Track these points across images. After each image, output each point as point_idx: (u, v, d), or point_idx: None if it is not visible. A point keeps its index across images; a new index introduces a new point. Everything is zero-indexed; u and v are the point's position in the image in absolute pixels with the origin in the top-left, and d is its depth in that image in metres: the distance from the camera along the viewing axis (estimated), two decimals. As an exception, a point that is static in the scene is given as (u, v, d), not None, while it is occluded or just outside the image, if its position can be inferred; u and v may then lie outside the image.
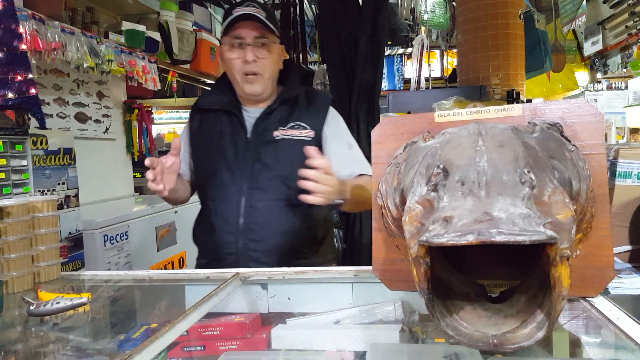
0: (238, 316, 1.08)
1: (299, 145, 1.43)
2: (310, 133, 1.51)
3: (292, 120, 1.52)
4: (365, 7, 3.18)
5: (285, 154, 1.48)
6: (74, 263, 2.20)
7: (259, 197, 1.47)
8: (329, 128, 1.55)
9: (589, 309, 0.87)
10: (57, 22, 2.49)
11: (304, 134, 1.50)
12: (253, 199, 1.47)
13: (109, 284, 1.32)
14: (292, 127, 1.51)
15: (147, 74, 3.33)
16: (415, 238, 0.66)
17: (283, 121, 1.51)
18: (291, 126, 1.51)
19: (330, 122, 1.56)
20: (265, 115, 1.52)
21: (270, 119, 1.51)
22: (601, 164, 0.86)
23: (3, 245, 1.19)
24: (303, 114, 1.54)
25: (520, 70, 4.16)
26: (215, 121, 1.55)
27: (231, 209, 1.48)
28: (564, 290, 0.60)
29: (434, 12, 5.78)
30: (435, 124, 0.95)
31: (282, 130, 1.50)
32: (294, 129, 1.51)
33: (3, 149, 1.88)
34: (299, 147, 1.40)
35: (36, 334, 1.02)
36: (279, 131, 1.50)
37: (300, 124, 1.51)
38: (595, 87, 5.76)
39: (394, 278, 0.97)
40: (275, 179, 1.47)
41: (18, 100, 1.95)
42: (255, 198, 1.47)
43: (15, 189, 1.93)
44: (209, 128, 1.56)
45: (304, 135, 1.50)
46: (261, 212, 1.46)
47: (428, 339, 0.99)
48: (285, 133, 1.49)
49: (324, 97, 1.63)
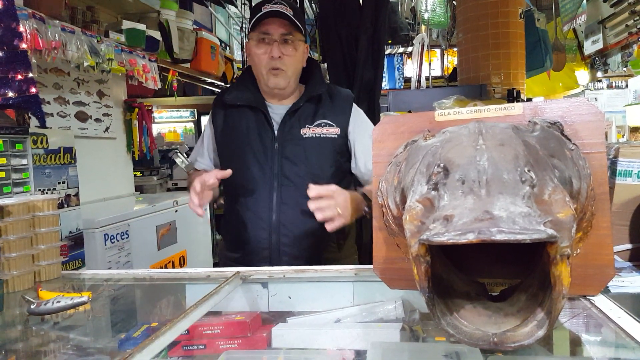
0: (239, 315, 1.08)
1: (326, 142, 1.53)
2: (336, 130, 1.55)
3: (318, 118, 1.56)
4: (366, 6, 3.18)
5: (313, 152, 1.53)
6: (74, 262, 2.20)
7: (290, 194, 1.51)
8: (354, 124, 1.59)
9: (589, 308, 0.87)
10: (57, 21, 2.49)
11: (330, 132, 1.55)
12: (284, 196, 1.52)
13: (109, 283, 1.32)
14: (318, 124, 1.55)
15: (147, 73, 3.33)
16: (415, 237, 0.66)
17: (309, 119, 1.55)
18: (318, 124, 1.55)
19: (354, 117, 1.60)
20: (292, 112, 1.55)
21: (296, 116, 1.55)
22: (601, 162, 0.86)
23: (3, 244, 1.19)
24: (328, 111, 1.57)
25: (520, 69, 4.16)
26: (240, 117, 1.58)
27: (263, 205, 1.52)
28: (564, 288, 0.60)
29: (435, 11, 5.77)
30: (436, 122, 0.95)
31: (309, 128, 1.54)
32: (321, 126, 1.55)
33: (3, 148, 1.88)
34: (327, 144, 1.53)
35: (37, 333, 1.02)
36: (305, 129, 1.54)
37: (326, 121, 1.55)
38: (596, 86, 5.76)
39: (394, 277, 0.97)
40: (304, 176, 1.50)
41: (18, 99, 1.95)
42: (286, 195, 1.51)
43: (16, 188, 1.93)
44: (234, 124, 1.58)
45: (331, 133, 1.55)
46: (293, 209, 1.51)
47: (429, 337, 0.99)
48: (313, 131, 1.54)
49: (346, 94, 1.67)
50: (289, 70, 1.53)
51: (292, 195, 1.51)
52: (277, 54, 1.49)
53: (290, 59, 1.52)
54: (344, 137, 1.57)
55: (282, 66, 1.51)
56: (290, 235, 1.51)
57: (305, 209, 1.44)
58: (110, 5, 3.46)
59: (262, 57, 1.51)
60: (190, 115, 7.93)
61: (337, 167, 1.57)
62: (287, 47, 1.51)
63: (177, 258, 3.12)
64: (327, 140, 1.54)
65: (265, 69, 1.52)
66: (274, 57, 1.49)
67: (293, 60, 1.53)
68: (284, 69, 1.52)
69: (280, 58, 1.49)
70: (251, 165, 1.54)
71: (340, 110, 1.59)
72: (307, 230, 1.50)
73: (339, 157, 1.57)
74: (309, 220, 1.45)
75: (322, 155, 1.53)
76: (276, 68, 1.51)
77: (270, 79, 1.53)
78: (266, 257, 1.51)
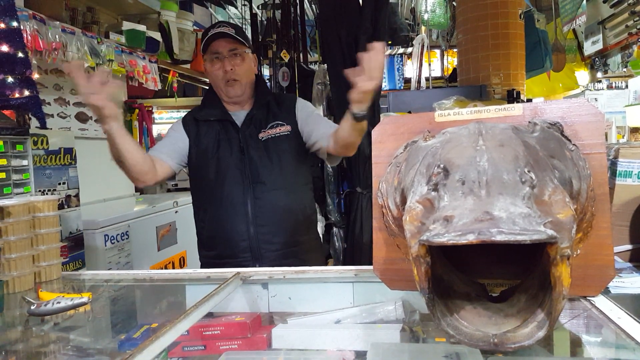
0: (239, 316, 1.08)
1: (281, 140, 1.75)
2: (287, 128, 1.77)
3: (270, 120, 1.78)
4: (366, 6, 3.17)
5: (274, 150, 1.74)
6: (74, 263, 2.20)
7: (261, 189, 1.71)
8: (301, 113, 1.80)
9: (589, 308, 0.87)
10: (57, 22, 2.49)
11: (283, 130, 1.77)
12: (256, 192, 1.71)
13: (109, 283, 1.32)
14: (272, 126, 1.77)
15: (147, 74, 3.33)
16: (415, 237, 0.66)
17: (263, 123, 1.77)
18: (271, 126, 1.77)
19: (299, 109, 1.81)
20: (248, 120, 1.77)
21: (253, 123, 1.77)
22: (601, 163, 0.86)
23: (4, 245, 1.19)
24: (278, 114, 1.80)
25: (520, 70, 4.15)
26: (211, 129, 1.78)
27: (239, 203, 1.70)
28: (564, 289, 0.60)
29: (434, 11, 5.77)
30: (436, 123, 0.96)
31: (264, 131, 1.76)
32: (274, 127, 1.77)
33: (4, 148, 1.88)
34: (282, 141, 1.75)
35: (37, 334, 1.02)
36: (262, 132, 1.75)
37: (277, 122, 1.78)
38: (596, 87, 5.76)
39: (394, 277, 0.97)
40: (271, 173, 1.72)
41: (19, 100, 1.95)
42: (259, 190, 1.71)
43: (16, 188, 1.93)
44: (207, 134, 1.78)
45: (284, 131, 1.77)
46: (265, 202, 1.71)
47: (429, 338, 0.99)
48: (268, 133, 1.76)
49: (290, 96, 1.93)
50: (242, 78, 1.75)
51: (262, 191, 1.71)
52: (228, 66, 1.72)
53: (241, 68, 1.74)
54: (296, 130, 1.78)
55: (235, 76, 1.74)
56: (266, 225, 1.70)
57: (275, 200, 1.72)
58: (110, 6, 3.46)
59: (217, 72, 1.74)
60: (189, 116, 7.90)
61: (297, 159, 1.78)
62: (235, 60, 1.73)
63: (177, 259, 3.12)
64: (283, 137, 1.76)
65: (222, 81, 1.75)
66: (226, 71, 1.72)
67: (243, 69, 1.75)
68: (238, 79, 1.74)
69: (232, 70, 1.72)
70: (225, 169, 1.73)
71: (286, 110, 1.81)
72: (279, 219, 1.72)
73: (297, 150, 1.78)
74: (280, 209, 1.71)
75: (281, 151, 1.74)
76: (230, 79, 1.73)
77: (228, 90, 1.76)
78: (246, 248, 1.70)
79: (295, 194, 1.77)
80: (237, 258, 1.69)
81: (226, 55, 1.72)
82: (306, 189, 1.84)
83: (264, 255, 1.69)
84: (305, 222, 1.80)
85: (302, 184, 1.81)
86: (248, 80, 1.78)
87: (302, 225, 1.79)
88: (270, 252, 1.69)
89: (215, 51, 1.73)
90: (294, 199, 1.76)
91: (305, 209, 1.80)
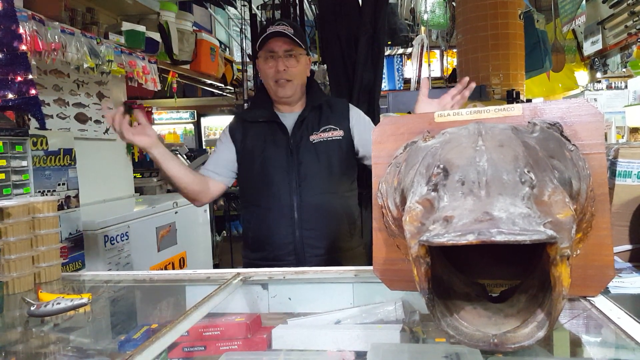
0: (239, 316, 1.08)
1: (333, 144, 1.75)
2: (340, 133, 1.77)
3: (323, 124, 1.78)
4: (365, 7, 3.17)
5: (323, 154, 1.74)
6: (74, 264, 2.20)
7: (308, 193, 1.71)
8: (355, 123, 1.80)
9: (589, 309, 0.87)
10: (57, 23, 2.49)
11: (335, 135, 1.77)
12: (303, 195, 1.71)
13: (109, 284, 1.32)
14: (324, 130, 1.77)
15: (147, 75, 3.33)
16: (415, 238, 0.66)
17: (316, 126, 1.77)
18: (324, 129, 1.77)
19: (353, 117, 1.82)
20: (300, 122, 1.76)
21: (304, 125, 1.77)
22: (601, 163, 0.86)
23: (3, 246, 1.19)
24: (331, 118, 1.79)
25: (520, 70, 4.16)
26: (259, 131, 1.79)
27: (286, 205, 1.71)
28: (564, 289, 0.60)
29: (434, 12, 5.78)
30: (435, 124, 0.96)
31: (317, 134, 1.76)
32: (326, 131, 1.77)
33: (3, 149, 1.88)
34: (334, 145, 1.75)
35: (37, 335, 1.02)
36: (314, 135, 1.75)
37: (330, 126, 1.78)
38: (595, 87, 5.76)
39: (394, 278, 0.97)
40: (319, 175, 1.73)
41: (18, 101, 1.95)
42: (305, 194, 1.71)
43: (16, 189, 1.93)
44: (254, 136, 1.79)
45: (336, 136, 1.77)
46: (311, 205, 1.71)
47: (429, 338, 0.99)
48: (320, 136, 1.76)
49: (342, 102, 1.91)
50: (294, 79, 1.74)
51: (310, 194, 1.71)
52: (282, 67, 1.71)
53: (294, 70, 1.73)
54: (348, 137, 1.78)
55: (288, 77, 1.72)
56: (312, 229, 1.70)
57: (322, 204, 1.72)
58: (109, 6, 3.46)
59: (269, 71, 1.73)
60: (190, 117, 7.92)
61: (346, 164, 1.78)
62: (290, 61, 1.72)
63: (177, 259, 3.12)
64: (334, 142, 1.76)
65: (272, 80, 1.74)
66: (279, 70, 1.71)
67: (296, 70, 1.74)
68: (290, 79, 1.73)
69: (285, 70, 1.71)
70: (272, 170, 1.73)
71: (340, 115, 1.81)
72: (325, 223, 1.72)
73: (346, 155, 1.78)
74: (326, 213, 1.72)
75: (331, 155, 1.74)
76: (282, 79, 1.72)
77: (278, 90, 1.75)
78: (291, 251, 1.70)
79: (342, 199, 1.78)
80: (281, 261, 1.68)
81: (281, 55, 1.71)
82: (352, 195, 1.85)
83: (308, 259, 1.69)
84: (350, 228, 1.80)
85: (349, 189, 1.82)
86: (300, 82, 1.78)
87: (347, 231, 1.79)
88: (315, 257, 1.69)
89: (271, 50, 1.72)
90: (340, 204, 1.77)
91: (351, 214, 1.81)
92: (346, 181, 1.80)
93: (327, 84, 3.60)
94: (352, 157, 1.80)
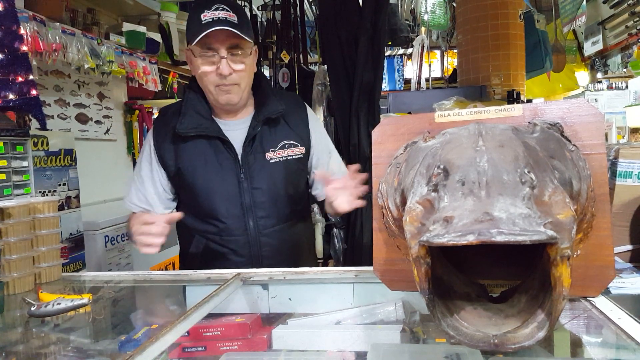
0: (239, 317, 1.08)
1: (292, 163, 1.46)
2: (301, 150, 1.48)
3: (280, 138, 1.46)
4: (366, 7, 3.17)
5: (281, 176, 1.44)
6: (75, 264, 2.20)
7: (266, 224, 1.43)
8: (314, 139, 1.52)
9: (589, 309, 0.87)
10: (57, 24, 2.49)
11: (296, 152, 1.47)
12: (260, 227, 1.43)
13: (109, 284, 1.32)
14: (283, 146, 1.46)
15: (147, 75, 3.33)
16: (415, 238, 0.66)
17: (273, 142, 1.45)
18: (282, 146, 1.45)
19: (312, 129, 1.52)
20: (251, 139, 1.42)
21: (257, 141, 1.43)
22: (601, 163, 0.86)
23: (4, 246, 1.19)
24: (289, 130, 1.48)
25: (520, 71, 4.16)
26: (197, 150, 1.41)
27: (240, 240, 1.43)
28: (564, 290, 0.60)
29: (434, 12, 5.78)
30: (436, 124, 0.96)
31: (274, 152, 1.44)
32: (286, 148, 1.46)
33: (4, 150, 1.88)
34: (293, 165, 1.46)
35: (37, 335, 1.02)
36: (270, 153, 1.44)
37: (290, 142, 1.47)
38: (596, 87, 5.76)
39: (394, 278, 0.97)
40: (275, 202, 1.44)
41: (19, 102, 1.95)
42: (263, 225, 1.43)
43: (16, 190, 1.93)
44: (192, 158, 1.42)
45: (297, 154, 1.47)
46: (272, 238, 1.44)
47: (429, 339, 0.99)
48: (279, 154, 1.44)
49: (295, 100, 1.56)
50: (241, 83, 1.38)
51: (269, 224, 1.43)
52: (226, 71, 1.32)
53: (242, 73, 1.36)
54: (308, 154, 1.51)
55: (234, 80, 1.36)
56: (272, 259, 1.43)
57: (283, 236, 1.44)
58: (110, 7, 3.47)
59: (210, 74, 1.35)
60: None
61: (303, 186, 1.53)
62: (236, 61, 1.34)
63: (177, 260, 3.12)
64: (293, 161, 1.46)
65: (213, 85, 1.36)
66: (222, 74, 1.33)
67: (244, 72, 1.37)
68: (237, 83, 1.37)
69: (230, 75, 1.34)
70: (219, 203, 1.41)
71: (299, 123, 1.50)
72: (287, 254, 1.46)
73: (303, 177, 1.53)
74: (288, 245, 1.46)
75: (289, 177, 1.45)
76: (227, 85, 1.36)
77: (220, 96, 1.38)
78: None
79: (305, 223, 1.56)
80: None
81: (224, 54, 1.32)
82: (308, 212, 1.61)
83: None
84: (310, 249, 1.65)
85: (306, 209, 1.57)
86: (247, 84, 1.41)
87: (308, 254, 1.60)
88: None
89: (210, 46, 1.31)
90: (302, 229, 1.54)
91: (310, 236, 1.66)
92: (307, 207, 1.57)
93: (327, 85, 3.60)
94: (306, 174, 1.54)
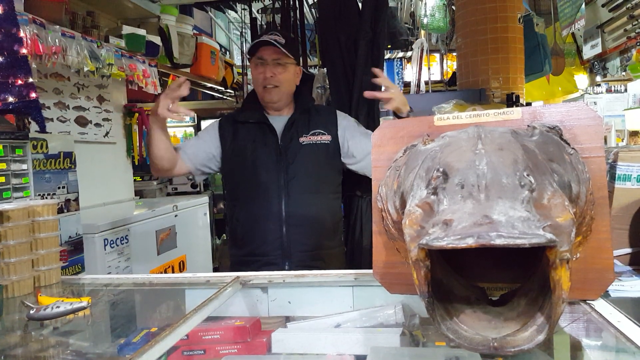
0: (238, 320, 1.08)
1: (321, 147, 1.86)
2: (328, 137, 1.88)
3: (312, 127, 1.88)
4: (365, 10, 3.17)
5: (312, 155, 1.84)
6: (74, 267, 2.20)
7: (296, 191, 1.80)
8: (343, 129, 1.91)
9: (589, 312, 0.87)
10: (57, 26, 2.50)
11: (323, 139, 1.88)
12: (291, 193, 1.80)
13: (109, 288, 1.32)
14: (313, 133, 1.88)
15: (147, 78, 3.33)
16: (415, 241, 0.66)
17: (305, 129, 1.88)
18: (313, 133, 1.88)
19: (341, 122, 1.92)
20: (290, 124, 1.86)
21: (294, 127, 1.86)
22: (600, 166, 0.86)
23: (3, 249, 1.19)
24: (319, 122, 1.90)
25: (519, 74, 4.16)
26: (248, 131, 1.88)
27: (274, 202, 1.79)
28: (564, 293, 0.60)
29: (434, 15, 5.79)
30: (435, 127, 0.96)
31: (306, 136, 1.86)
32: (315, 135, 1.88)
33: (3, 152, 1.88)
34: (321, 149, 1.86)
35: (36, 338, 1.01)
36: (303, 137, 1.86)
37: (319, 130, 1.88)
38: (595, 90, 5.77)
39: (394, 281, 0.97)
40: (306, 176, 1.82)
41: (18, 104, 1.95)
42: (293, 192, 1.80)
43: (16, 192, 1.93)
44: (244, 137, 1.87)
45: (324, 140, 1.88)
46: (299, 203, 1.80)
47: (429, 342, 0.99)
48: (309, 139, 1.86)
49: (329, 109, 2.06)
50: (281, 86, 1.84)
51: (297, 192, 1.80)
52: (269, 73, 1.82)
53: (281, 77, 1.83)
54: (336, 142, 1.89)
55: (275, 83, 1.82)
56: (298, 225, 1.78)
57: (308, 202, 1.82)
58: (110, 10, 3.47)
59: (258, 77, 1.85)
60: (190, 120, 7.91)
61: (332, 167, 1.90)
62: (278, 68, 1.83)
63: (176, 263, 3.11)
64: (322, 145, 1.87)
65: (261, 86, 1.85)
66: (266, 77, 1.82)
67: (283, 77, 1.83)
68: (277, 85, 1.83)
69: (272, 77, 1.81)
70: (261, 170, 1.81)
71: (328, 121, 1.92)
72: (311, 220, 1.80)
73: (332, 159, 1.89)
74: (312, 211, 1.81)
75: (319, 158, 1.85)
76: (269, 85, 1.82)
77: (265, 95, 1.86)
78: (278, 247, 1.78)
79: (327, 200, 1.87)
80: (267, 256, 1.77)
81: (269, 62, 1.81)
82: (336, 197, 1.94)
83: (294, 254, 1.77)
84: (333, 227, 1.90)
85: (333, 192, 1.91)
86: (287, 89, 1.87)
87: (331, 230, 1.88)
88: (300, 252, 1.77)
89: (260, 57, 1.83)
90: (325, 204, 1.86)
91: (334, 215, 1.91)
92: (331, 183, 1.90)
93: (327, 88, 3.60)
94: (338, 161, 1.90)
